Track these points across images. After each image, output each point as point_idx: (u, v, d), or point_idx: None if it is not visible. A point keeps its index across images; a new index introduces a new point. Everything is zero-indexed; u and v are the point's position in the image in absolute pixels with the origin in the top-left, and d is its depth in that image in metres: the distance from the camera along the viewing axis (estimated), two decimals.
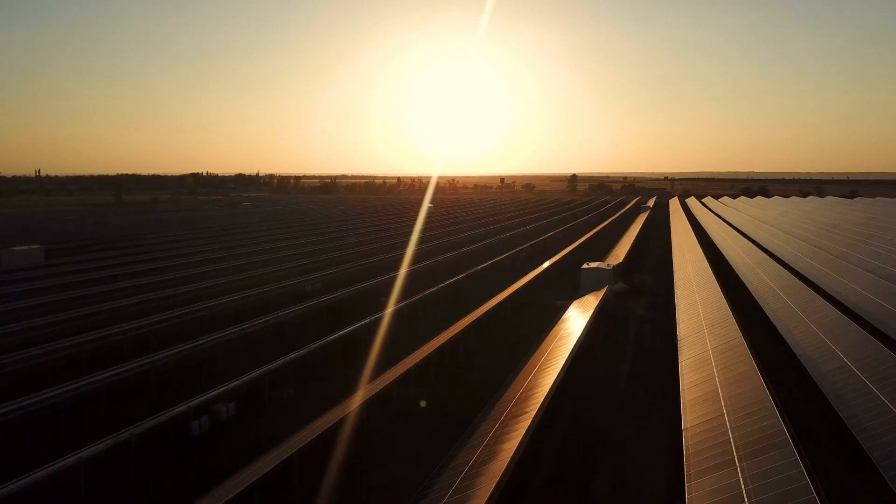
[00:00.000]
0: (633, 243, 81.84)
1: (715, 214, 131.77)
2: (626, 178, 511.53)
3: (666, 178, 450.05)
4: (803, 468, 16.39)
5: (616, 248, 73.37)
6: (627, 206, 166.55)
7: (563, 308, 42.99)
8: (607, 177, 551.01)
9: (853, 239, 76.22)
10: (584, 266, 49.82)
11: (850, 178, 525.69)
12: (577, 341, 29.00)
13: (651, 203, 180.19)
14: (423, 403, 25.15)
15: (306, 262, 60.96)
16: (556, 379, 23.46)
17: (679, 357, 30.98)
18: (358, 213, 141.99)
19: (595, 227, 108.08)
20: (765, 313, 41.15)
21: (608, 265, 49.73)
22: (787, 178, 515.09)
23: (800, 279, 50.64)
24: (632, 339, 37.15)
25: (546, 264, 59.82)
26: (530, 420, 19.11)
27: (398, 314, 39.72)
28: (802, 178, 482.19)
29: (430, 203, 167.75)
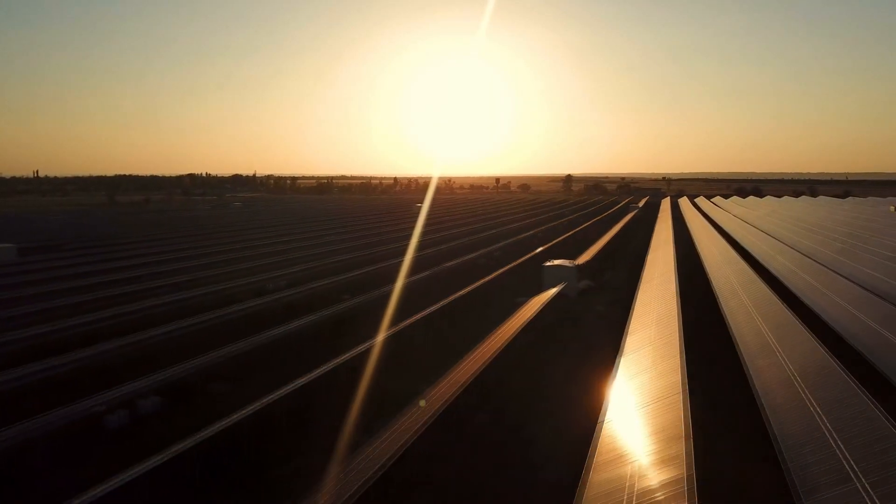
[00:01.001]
0: (611, 241, 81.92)
1: (701, 214, 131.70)
2: (623, 178, 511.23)
3: (664, 178, 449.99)
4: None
5: (592, 246, 73.31)
6: (617, 206, 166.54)
7: (520, 305, 42.91)
8: (606, 177, 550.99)
9: (830, 238, 76.15)
10: (547, 264, 49.72)
11: (849, 177, 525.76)
12: (511, 336, 28.94)
13: (642, 203, 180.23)
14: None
15: (272, 261, 60.80)
16: (475, 371, 23.39)
17: (621, 351, 30.91)
18: (345, 213, 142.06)
19: (579, 225, 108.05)
20: (720, 308, 41.04)
21: (571, 263, 49.66)
22: (786, 178, 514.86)
23: (766, 278, 50.54)
24: (579, 334, 37.13)
25: (515, 262, 59.73)
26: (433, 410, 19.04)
27: (352, 310, 39.65)
28: (803, 178, 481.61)
29: (420, 203, 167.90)
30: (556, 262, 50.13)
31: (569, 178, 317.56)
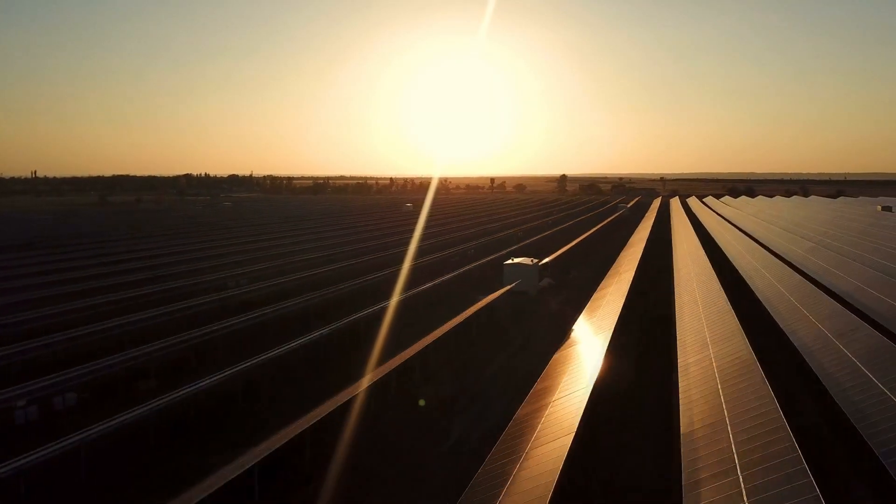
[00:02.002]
0: (586, 240, 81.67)
1: (686, 213, 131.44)
2: (621, 178, 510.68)
3: (662, 178, 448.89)
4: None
5: (566, 246, 73.09)
6: (606, 206, 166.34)
7: (475, 303, 42.72)
8: (605, 177, 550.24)
9: (804, 237, 75.94)
10: (506, 262, 49.51)
11: (848, 178, 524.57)
12: (446, 330, 28.75)
13: (632, 203, 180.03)
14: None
15: (231, 260, 60.47)
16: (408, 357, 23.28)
17: (566, 343, 30.74)
18: (329, 212, 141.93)
19: (562, 224, 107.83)
20: (672, 302, 40.84)
21: (532, 261, 49.38)
22: (785, 178, 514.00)
23: (727, 275, 50.29)
24: (522, 330, 36.99)
25: (485, 259, 59.57)
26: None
27: (303, 307, 39.43)
28: (803, 178, 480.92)
29: (409, 203, 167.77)
30: (517, 260, 49.92)
31: (563, 179, 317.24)
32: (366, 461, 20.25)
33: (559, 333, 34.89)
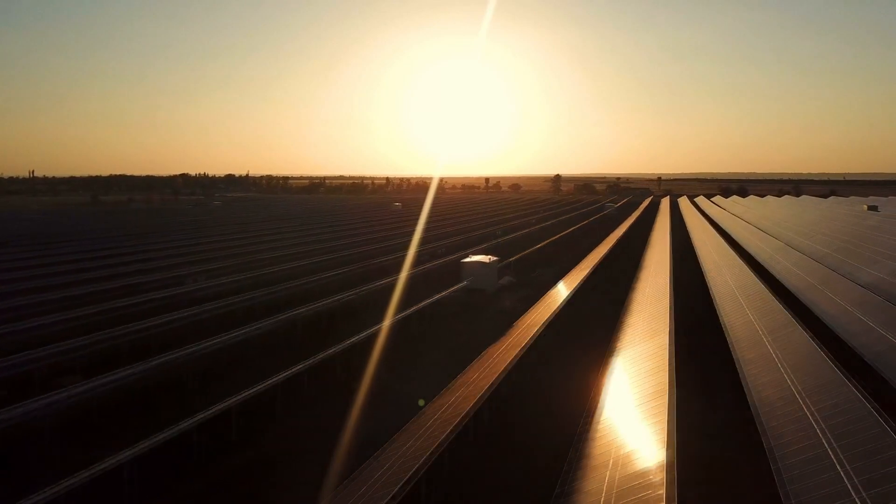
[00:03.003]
0: (562, 238, 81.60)
1: (670, 212, 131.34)
2: (619, 178, 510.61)
3: (659, 178, 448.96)
4: None
5: (539, 244, 72.95)
6: (595, 206, 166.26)
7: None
8: (604, 177, 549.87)
9: (779, 235, 75.71)
10: (464, 260, 49.29)
11: (846, 178, 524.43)
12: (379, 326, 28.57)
13: (622, 203, 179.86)
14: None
15: (193, 259, 60.19)
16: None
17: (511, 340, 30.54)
18: (316, 212, 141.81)
19: (545, 223, 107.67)
20: (629, 299, 40.69)
21: (489, 258, 49.15)
22: (784, 178, 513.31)
23: (689, 273, 50.13)
24: (468, 328, 36.82)
25: (454, 256, 59.32)
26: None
27: (244, 307, 39.24)
28: (802, 179, 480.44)
29: (398, 203, 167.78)
30: (475, 258, 49.69)
31: (557, 178, 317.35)
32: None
33: (504, 328, 34.88)
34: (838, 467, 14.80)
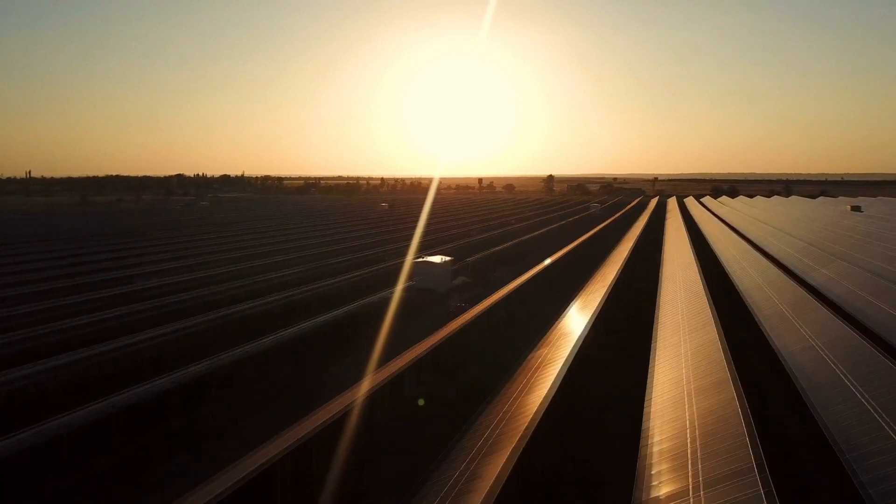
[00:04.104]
0: (533, 239, 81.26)
1: (650, 213, 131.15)
2: (616, 178, 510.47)
3: (656, 178, 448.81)
4: None
5: (506, 243, 72.63)
6: (580, 206, 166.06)
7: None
8: (602, 178, 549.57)
9: (753, 234, 75.32)
10: (416, 259, 48.91)
11: (844, 178, 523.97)
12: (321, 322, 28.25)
13: (610, 203, 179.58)
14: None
15: (147, 260, 59.96)
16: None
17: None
18: (300, 212, 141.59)
19: (524, 222, 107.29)
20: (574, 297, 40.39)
21: (442, 259, 48.75)
22: (782, 179, 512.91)
23: (643, 272, 49.75)
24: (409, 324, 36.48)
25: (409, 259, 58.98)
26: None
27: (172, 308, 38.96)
28: (802, 179, 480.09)
29: (384, 203, 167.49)
30: (427, 258, 49.31)
31: (550, 179, 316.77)
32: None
33: (436, 328, 34.52)
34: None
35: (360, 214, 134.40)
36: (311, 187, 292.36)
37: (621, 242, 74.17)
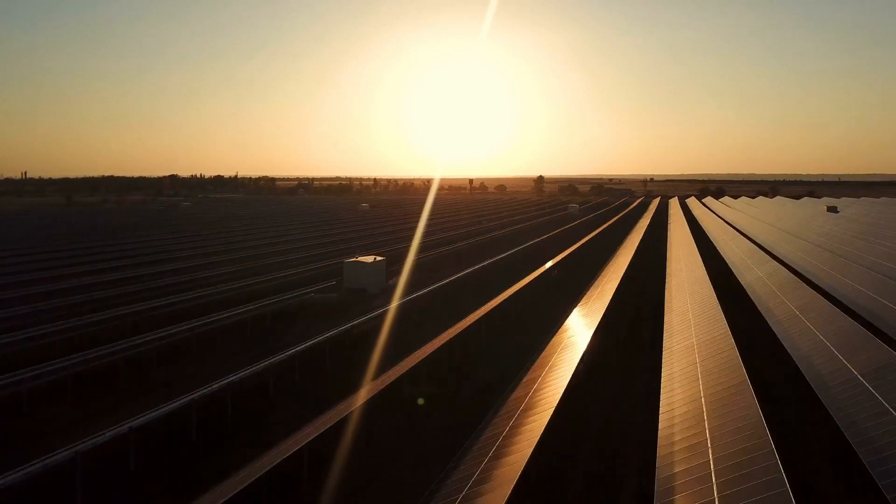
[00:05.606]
0: (498, 237, 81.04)
1: (624, 213, 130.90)
2: (611, 179, 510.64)
3: (651, 179, 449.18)
4: None
5: (463, 241, 72.45)
6: (560, 206, 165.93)
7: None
8: (597, 178, 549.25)
9: (729, 234, 74.83)
10: (347, 260, 48.43)
11: (842, 179, 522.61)
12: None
13: (594, 202, 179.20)
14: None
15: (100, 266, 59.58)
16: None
17: None
18: (282, 213, 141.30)
19: (500, 220, 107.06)
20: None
21: (374, 258, 48.19)
22: (767, 179, 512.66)
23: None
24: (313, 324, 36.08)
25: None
26: None
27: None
28: (790, 180, 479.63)
29: (364, 203, 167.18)
30: (360, 258, 48.85)
31: (540, 179, 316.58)
32: None
33: None
34: None
35: (336, 215, 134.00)
36: (300, 188, 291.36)
37: (581, 240, 73.77)
